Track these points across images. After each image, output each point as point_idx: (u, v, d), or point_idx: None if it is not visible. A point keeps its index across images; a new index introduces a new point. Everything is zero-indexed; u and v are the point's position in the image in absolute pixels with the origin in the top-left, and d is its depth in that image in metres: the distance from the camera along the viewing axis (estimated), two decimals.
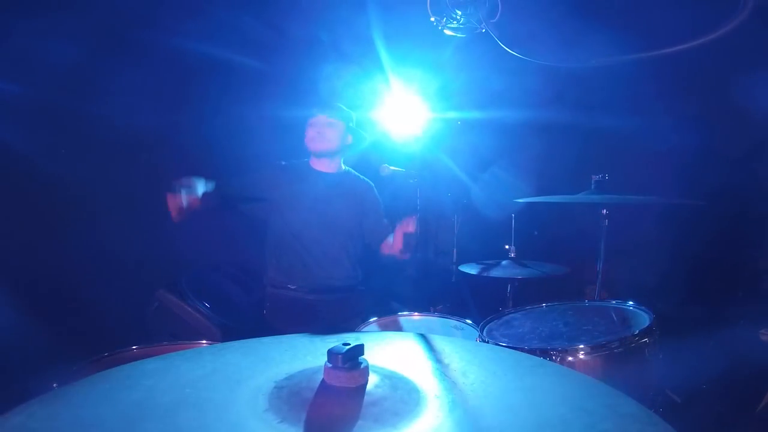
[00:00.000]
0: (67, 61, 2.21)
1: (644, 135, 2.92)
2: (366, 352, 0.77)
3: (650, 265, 2.92)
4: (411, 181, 3.33)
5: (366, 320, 2.05)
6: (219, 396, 0.73)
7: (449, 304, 3.39)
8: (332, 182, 2.27)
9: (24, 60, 2.20)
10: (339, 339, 0.84)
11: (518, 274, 2.57)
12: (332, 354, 0.74)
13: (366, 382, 0.75)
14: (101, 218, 2.51)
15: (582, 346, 1.43)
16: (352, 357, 0.74)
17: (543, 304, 1.90)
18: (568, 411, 0.69)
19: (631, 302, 1.77)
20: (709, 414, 1.95)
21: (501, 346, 1.47)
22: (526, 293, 2.62)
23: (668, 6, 2.32)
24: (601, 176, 2.18)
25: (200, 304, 2.35)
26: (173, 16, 2.42)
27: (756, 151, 2.73)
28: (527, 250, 2.80)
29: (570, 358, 1.42)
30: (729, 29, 1.73)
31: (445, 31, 2.18)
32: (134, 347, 1.63)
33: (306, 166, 2.28)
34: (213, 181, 1.97)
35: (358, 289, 2.34)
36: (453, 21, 2.10)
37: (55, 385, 1.38)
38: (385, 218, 2.36)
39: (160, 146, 2.63)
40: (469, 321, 2.02)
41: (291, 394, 0.73)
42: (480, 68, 2.99)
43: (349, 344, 0.75)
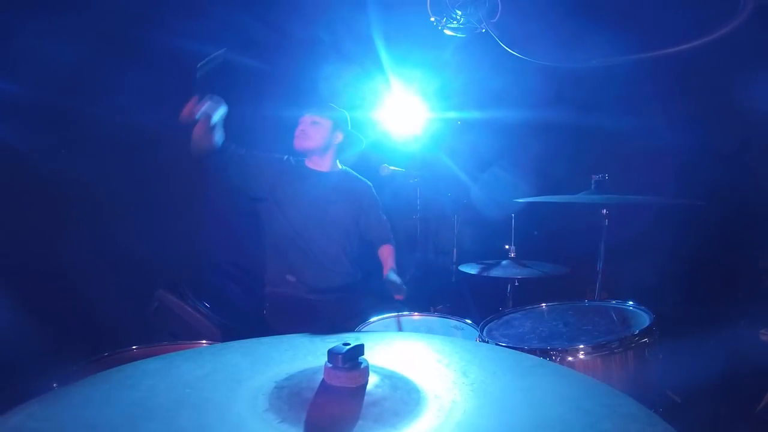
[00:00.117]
0: (68, 61, 2.21)
1: (644, 135, 2.92)
2: (366, 352, 0.77)
3: (650, 265, 2.92)
4: (411, 181, 3.34)
5: (366, 320, 2.05)
6: (219, 396, 0.73)
7: (449, 304, 3.39)
8: (330, 182, 2.27)
9: (24, 60, 2.20)
10: (339, 339, 0.84)
11: (518, 274, 2.57)
12: (332, 354, 0.74)
13: (366, 382, 0.75)
14: (101, 218, 2.52)
15: (582, 346, 1.43)
16: (352, 357, 0.74)
17: (543, 304, 1.90)
18: (568, 411, 0.69)
19: (631, 302, 1.77)
20: (709, 414, 1.95)
21: (501, 346, 1.47)
22: (526, 293, 2.62)
23: (668, 6, 2.32)
24: (601, 176, 2.18)
25: (200, 304, 2.35)
26: (174, 16, 2.42)
27: (756, 151, 2.73)
28: (527, 250, 2.79)
29: (570, 358, 1.42)
30: (729, 29, 1.73)
31: (445, 31, 2.18)
32: (134, 347, 1.63)
33: (302, 165, 2.29)
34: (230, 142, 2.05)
35: (358, 289, 2.34)
36: (453, 21, 2.10)
37: (55, 385, 1.38)
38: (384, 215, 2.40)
39: (160, 146, 2.63)
40: (469, 321, 2.02)
41: (291, 394, 0.73)
42: (480, 68, 3.00)
43: (349, 344, 0.75)
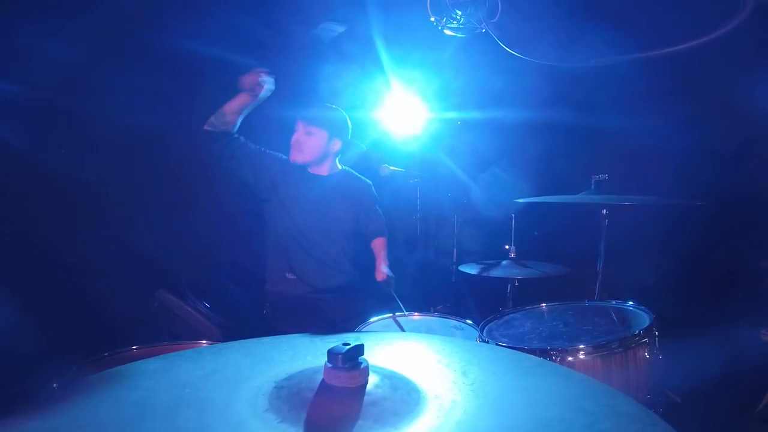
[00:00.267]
0: (68, 61, 2.21)
1: (644, 135, 2.92)
2: (366, 352, 0.77)
3: (650, 265, 2.92)
4: (411, 181, 3.34)
5: (366, 320, 2.05)
6: (219, 396, 0.73)
7: (449, 304, 3.39)
8: (330, 183, 2.26)
9: (24, 60, 2.20)
10: (339, 339, 0.84)
11: (518, 274, 2.57)
12: (332, 354, 0.74)
13: (366, 382, 0.75)
14: (101, 218, 2.51)
15: (582, 346, 1.43)
16: (352, 357, 0.74)
17: (543, 304, 1.90)
18: (568, 411, 0.70)
19: (631, 302, 1.77)
20: (709, 414, 1.95)
21: (501, 346, 1.48)
22: (526, 293, 2.62)
23: (668, 6, 2.32)
24: (601, 176, 2.18)
25: (200, 304, 2.35)
26: (174, 16, 2.42)
27: (756, 151, 2.73)
28: (527, 250, 2.80)
29: (570, 358, 1.42)
30: (729, 29, 1.73)
31: (445, 31, 2.18)
32: (134, 347, 1.63)
33: (303, 168, 2.25)
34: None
35: (358, 289, 2.34)
36: (453, 21, 2.10)
37: (55, 385, 1.38)
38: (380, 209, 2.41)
39: (161, 146, 2.63)
40: (469, 321, 2.02)
41: (291, 394, 0.73)
42: (480, 68, 2.99)
43: (349, 344, 0.75)
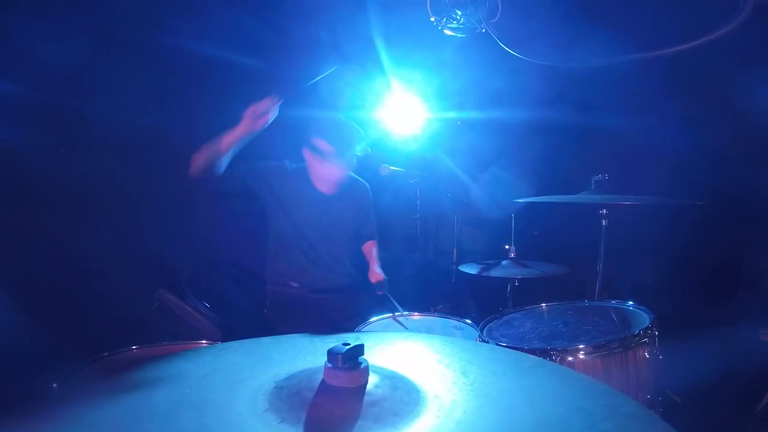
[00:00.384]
0: (68, 61, 2.21)
1: (644, 135, 2.92)
2: (366, 352, 0.77)
3: (650, 265, 2.92)
4: (411, 181, 3.34)
5: (366, 320, 2.05)
6: (219, 396, 0.73)
7: (449, 304, 3.39)
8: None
9: (24, 60, 2.20)
10: (339, 339, 0.84)
11: (518, 274, 2.57)
12: (332, 354, 0.74)
13: (366, 382, 0.75)
14: (101, 218, 2.51)
15: (582, 346, 1.43)
16: (352, 357, 0.74)
17: (543, 304, 1.90)
18: (568, 411, 0.70)
19: (631, 302, 1.77)
20: (709, 414, 1.95)
21: (501, 346, 1.48)
22: (526, 293, 2.62)
23: (668, 6, 2.32)
24: (601, 176, 2.18)
25: (200, 304, 2.35)
26: (174, 16, 2.42)
27: (756, 151, 2.73)
28: (527, 250, 2.80)
29: (570, 358, 1.42)
30: (729, 29, 1.73)
31: (445, 31, 2.18)
32: (134, 347, 1.63)
33: (303, 171, 2.23)
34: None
35: (358, 289, 2.34)
36: (453, 21, 2.10)
37: (55, 385, 1.38)
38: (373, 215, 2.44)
39: (160, 146, 2.63)
40: (469, 321, 2.02)
41: (291, 394, 0.73)
42: (480, 68, 2.99)
43: (349, 344, 0.75)
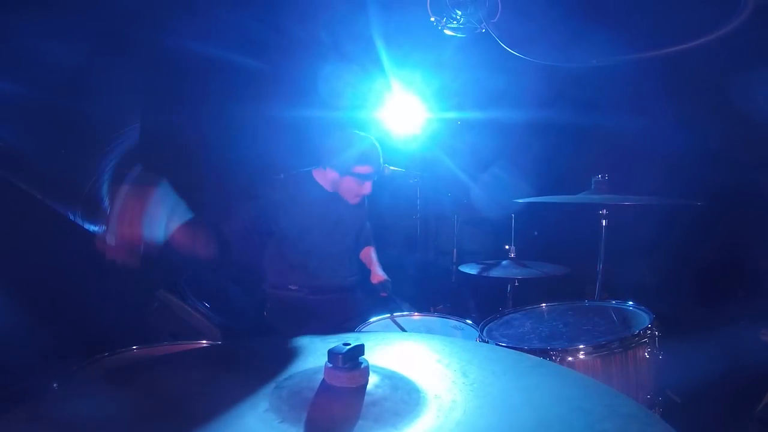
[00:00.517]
0: (67, 61, 2.21)
1: (644, 135, 2.92)
2: (366, 352, 0.77)
3: (650, 265, 2.92)
4: (411, 181, 3.34)
5: (366, 320, 2.05)
6: (219, 396, 0.73)
7: (449, 304, 3.39)
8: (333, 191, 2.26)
9: (24, 60, 2.20)
10: (339, 339, 0.84)
11: (518, 274, 2.57)
12: (332, 354, 0.73)
13: (366, 382, 0.75)
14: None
15: (582, 346, 1.43)
16: (353, 357, 0.74)
17: (543, 304, 1.90)
18: (568, 411, 0.69)
19: (631, 302, 1.77)
20: (709, 414, 1.95)
21: (501, 346, 1.48)
22: (526, 293, 2.62)
23: (668, 6, 2.32)
24: (601, 176, 2.18)
25: (200, 304, 2.35)
26: (174, 16, 2.42)
27: (756, 151, 2.73)
28: (527, 250, 2.80)
29: (570, 358, 1.42)
30: (729, 29, 1.73)
31: (445, 31, 2.18)
32: (134, 347, 1.63)
33: (308, 178, 2.23)
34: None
35: (359, 290, 2.35)
36: (453, 21, 2.10)
37: (55, 385, 1.38)
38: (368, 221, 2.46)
39: (160, 146, 2.63)
40: (469, 321, 2.02)
41: (291, 394, 0.73)
42: (480, 68, 2.99)
43: (350, 344, 0.75)
